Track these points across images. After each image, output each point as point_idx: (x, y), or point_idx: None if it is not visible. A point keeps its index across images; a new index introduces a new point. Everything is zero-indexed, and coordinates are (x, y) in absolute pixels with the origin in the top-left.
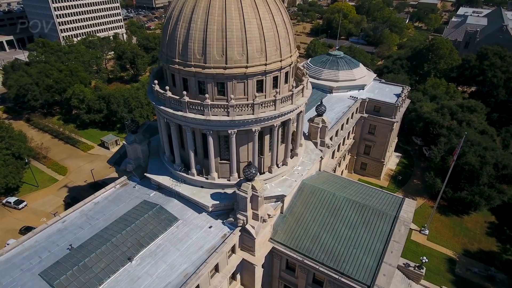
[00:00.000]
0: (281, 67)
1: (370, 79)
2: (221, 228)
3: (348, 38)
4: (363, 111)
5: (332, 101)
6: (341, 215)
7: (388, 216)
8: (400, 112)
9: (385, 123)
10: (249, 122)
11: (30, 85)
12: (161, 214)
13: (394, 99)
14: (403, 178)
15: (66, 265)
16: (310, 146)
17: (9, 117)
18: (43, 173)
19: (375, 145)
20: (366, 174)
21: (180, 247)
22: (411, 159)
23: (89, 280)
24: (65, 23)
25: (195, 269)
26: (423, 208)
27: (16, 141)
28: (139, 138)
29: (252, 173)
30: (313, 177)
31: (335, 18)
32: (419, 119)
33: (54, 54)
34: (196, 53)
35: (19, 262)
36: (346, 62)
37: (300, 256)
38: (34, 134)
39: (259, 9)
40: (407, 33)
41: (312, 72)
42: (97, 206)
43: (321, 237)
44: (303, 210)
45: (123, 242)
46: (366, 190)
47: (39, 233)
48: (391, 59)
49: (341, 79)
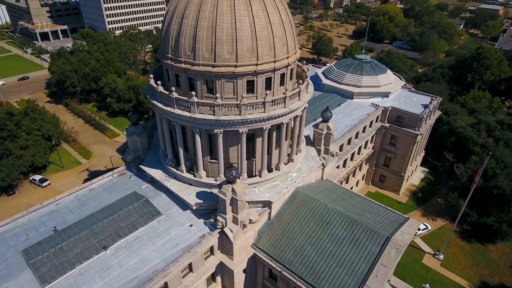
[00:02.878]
0: (275, 68)
1: (397, 87)
2: (201, 228)
3: (392, 42)
4: (385, 120)
5: (351, 107)
6: (329, 229)
7: (380, 236)
8: (426, 124)
9: (408, 134)
10: (235, 123)
11: (70, 72)
12: (145, 207)
13: (420, 110)
14: (426, 196)
15: (46, 246)
16: (312, 153)
17: (51, 101)
18: (70, 155)
19: (396, 157)
20: (384, 187)
21: (157, 242)
22: (438, 176)
23: (62, 264)
24: (112, 15)
25: (165, 266)
26: (442, 230)
27: (47, 123)
28: (139, 130)
29: (232, 176)
30: (312, 186)
31: (380, 21)
32: (451, 133)
33: (96, 44)
34: (187, 49)
35: (9, 238)
36: (371, 67)
37: (280, 266)
38: (69, 118)
39: (253, 6)
40: (458, 40)
41: (334, 76)
42: (91, 193)
43: (305, 250)
44: (292, 219)
45: (103, 231)
46: (366, 205)
47: (33, 213)
48: (432, 67)
49: (364, 84)
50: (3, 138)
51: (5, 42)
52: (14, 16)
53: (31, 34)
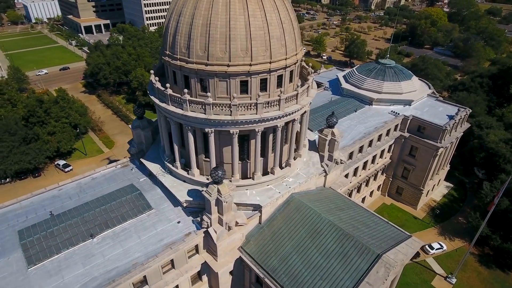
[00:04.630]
0: (270, 69)
1: (422, 95)
2: (188, 226)
3: (433, 47)
4: (405, 129)
5: (368, 114)
6: (319, 239)
7: (370, 253)
8: (451, 137)
9: (429, 146)
10: (225, 123)
11: (103, 65)
12: (138, 200)
13: (445, 121)
14: (447, 213)
15: (39, 229)
16: (315, 159)
17: (86, 91)
18: (94, 143)
19: (415, 169)
20: (401, 200)
21: (142, 235)
22: (463, 193)
23: (50, 247)
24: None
25: (146, 260)
26: (459, 252)
27: (74, 112)
28: (143, 124)
29: (218, 176)
30: (311, 193)
31: (421, 25)
32: (481, 148)
33: (131, 39)
34: (182, 46)
35: (10, 218)
36: (394, 73)
37: (263, 272)
38: (99, 108)
39: (249, 5)
40: (507, 48)
41: (354, 80)
42: (93, 182)
43: (291, 259)
44: (282, 225)
45: (93, 219)
46: (367, 217)
47: (37, 196)
48: (470, 75)
49: (385, 90)
50: (32, 123)
51: (54, 34)
52: (64, 9)
53: (77, 27)
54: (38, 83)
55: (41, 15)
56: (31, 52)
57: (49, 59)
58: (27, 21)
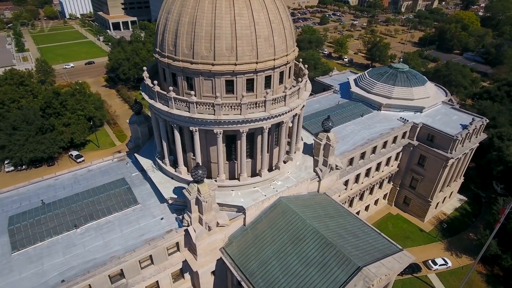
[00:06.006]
0: (256, 70)
1: (435, 101)
2: (171, 223)
3: (462, 53)
4: (414, 137)
5: (375, 119)
6: (300, 246)
7: (351, 264)
8: (464, 148)
9: (438, 156)
10: (208, 122)
11: (123, 60)
12: (126, 194)
13: (457, 130)
14: (457, 228)
15: (28, 216)
16: (308, 163)
17: (107, 85)
18: (108, 136)
19: (423, 180)
20: (408, 210)
21: (125, 229)
22: (478, 208)
23: (34, 235)
24: None
25: (123, 254)
26: (465, 269)
27: (90, 105)
28: (140, 119)
29: (198, 175)
30: (301, 198)
31: (451, 29)
32: (500, 161)
33: (152, 36)
34: (170, 44)
35: (5, 203)
36: (407, 78)
37: (240, 276)
38: (117, 103)
39: (236, 4)
40: None
41: (364, 84)
42: (88, 173)
43: (270, 264)
44: (266, 229)
45: (80, 210)
46: (357, 227)
47: (33, 184)
48: (498, 83)
49: (395, 96)
50: (49, 114)
51: (85, 29)
52: (95, 6)
53: (106, 23)
54: (63, 76)
55: (75, 11)
56: (62, 46)
57: (77, 54)
58: (62, 16)
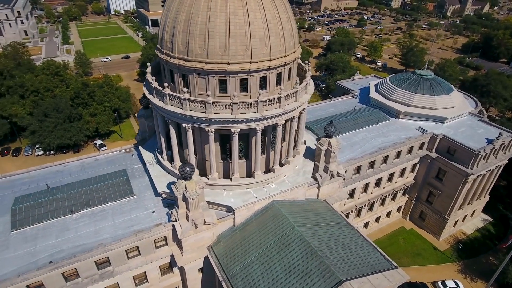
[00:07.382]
0: (249, 70)
1: (461, 112)
2: (162, 217)
3: (509, 62)
4: (432, 149)
5: (391, 128)
6: (285, 253)
7: (333, 277)
8: (488, 164)
9: (458, 171)
10: (199, 120)
11: (152, 56)
12: (123, 185)
13: (481, 145)
14: (476, 250)
15: (31, 198)
16: (307, 168)
17: (139, 79)
18: (132, 128)
19: (441, 195)
20: (423, 226)
21: (116, 219)
22: (503, 230)
23: (33, 216)
24: None
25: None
26: None
27: (117, 98)
28: (147, 113)
29: (185, 172)
30: (296, 203)
31: (497, 36)
32: None
33: None
34: (168, 41)
35: (16, 184)
36: (430, 85)
37: (222, 276)
38: None
39: (231, 2)
40: None
41: (383, 90)
42: (95, 162)
43: (253, 268)
44: (255, 232)
45: (78, 197)
46: (351, 239)
47: (44, 169)
48: None
49: (415, 104)
50: (77, 104)
51: (127, 25)
52: (138, 3)
53: (146, 20)
54: (100, 69)
55: (120, 7)
56: (103, 40)
57: (116, 48)
58: (107, 12)
